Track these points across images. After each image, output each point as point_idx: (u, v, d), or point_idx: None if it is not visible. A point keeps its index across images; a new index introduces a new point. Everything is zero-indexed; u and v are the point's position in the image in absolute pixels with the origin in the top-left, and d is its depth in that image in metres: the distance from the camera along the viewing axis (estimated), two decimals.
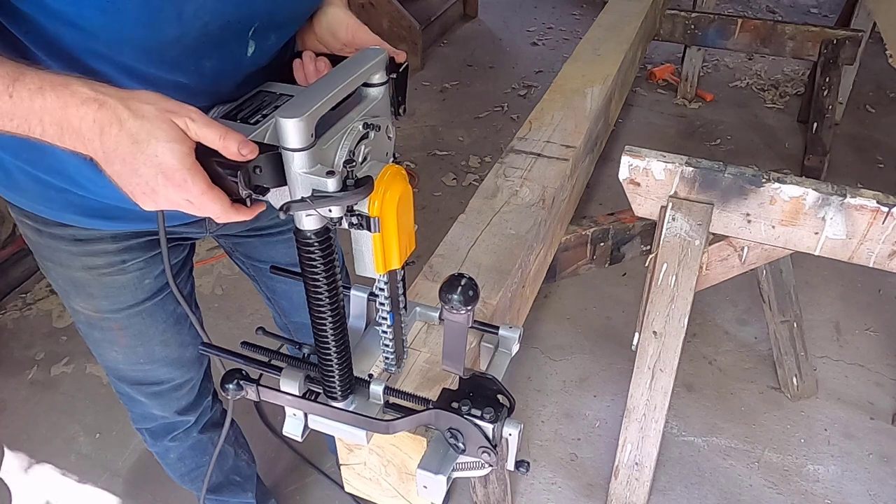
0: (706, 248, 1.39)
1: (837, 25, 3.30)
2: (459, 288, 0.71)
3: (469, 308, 0.72)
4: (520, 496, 1.90)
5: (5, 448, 2.04)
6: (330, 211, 0.66)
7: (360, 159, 0.72)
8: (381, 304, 0.80)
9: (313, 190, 0.65)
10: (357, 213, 0.68)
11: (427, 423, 0.77)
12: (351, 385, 0.80)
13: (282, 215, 0.66)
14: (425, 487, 0.78)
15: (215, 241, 1.27)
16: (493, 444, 0.74)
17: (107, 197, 0.71)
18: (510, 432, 0.76)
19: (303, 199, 0.65)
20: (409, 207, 0.73)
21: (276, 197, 0.69)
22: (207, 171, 0.67)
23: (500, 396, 0.76)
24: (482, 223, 1.26)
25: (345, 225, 0.68)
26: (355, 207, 0.68)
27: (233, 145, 0.65)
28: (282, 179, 0.67)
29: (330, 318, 0.74)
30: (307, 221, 0.67)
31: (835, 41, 3.05)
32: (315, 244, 0.68)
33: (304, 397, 0.80)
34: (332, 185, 0.64)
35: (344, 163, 0.69)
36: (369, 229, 0.69)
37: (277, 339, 0.89)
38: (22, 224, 1.08)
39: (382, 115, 0.77)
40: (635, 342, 1.52)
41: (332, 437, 0.86)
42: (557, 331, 2.41)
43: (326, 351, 0.76)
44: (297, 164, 0.64)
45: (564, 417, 2.11)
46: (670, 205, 1.35)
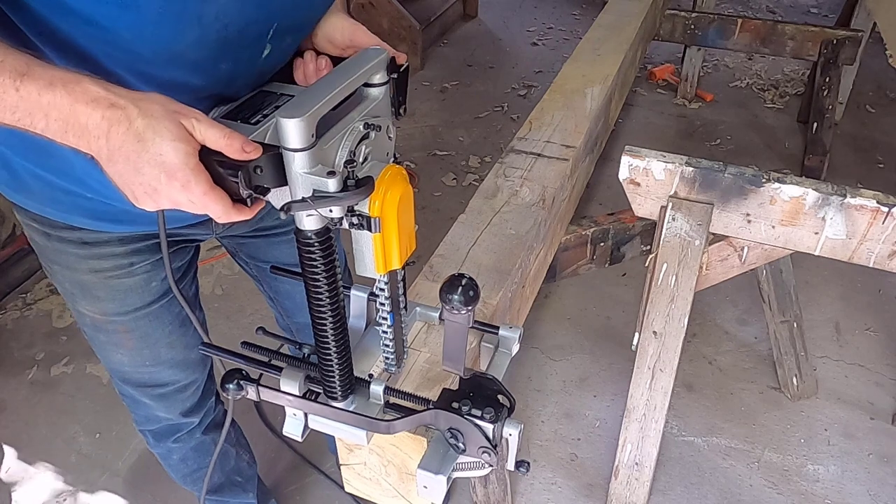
0: (706, 248, 1.39)
1: (837, 25, 3.30)
2: (460, 288, 0.71)
3: (469, 308, 0.72)
4: (520, 496, 1.90)
5: (5, 448, 2.04)
6: (331, 211, 0.66)
7: (361, 159, 0.72)
8: (382, 304, 0.80)
9: (314, 190, 0.65)
10: (358, 213, 0.68)
11: (427, 423, 0.77)
12: (351, 385, 0.80)
13: (282, 215, 0.66)
14: (425, 487, 0.78)
15: (217, 241, 1.27)
16: (493, 444, 0.74)
17: (115, 199, 0.71)
18: (510, 432, 0.76)
19: (303, 200, 0.65)
20: (409, 208, 0.73)
21: (277, 197, 0.68)
22: (209, 171, 0.67)
23: (500, 396, 0.76)
24: (482, 223, 1.26)
25: (345, 225, 0.68)
26: (356, 208, 0.68)
27: (236, 145, 0.66)
28: (283, 179, 0.67)
29: (330, 319, 0.74)
30: (308, 222, 0.67)
31: (835, 41, 3.05)
32: (316, 244, 0.68)
33: (304, 397, 0.80)
34: (332, 185, 0.64)
35: (345, 163, 0.69)
36: (370, 229, 0.69)
37: (277, 339, 0.89)
38: (28, 227, 1.07)
39: (383, 116, 0.77)
40: (635, 342, 1.52)
41: (333, 437, 0.86)
42: (557, 331, 2.41)
43: (327, 351, 0.76)
44: (297, 165, 0.64)
45: (564, 417, 2.11)
46: (670, 205, 1.35)
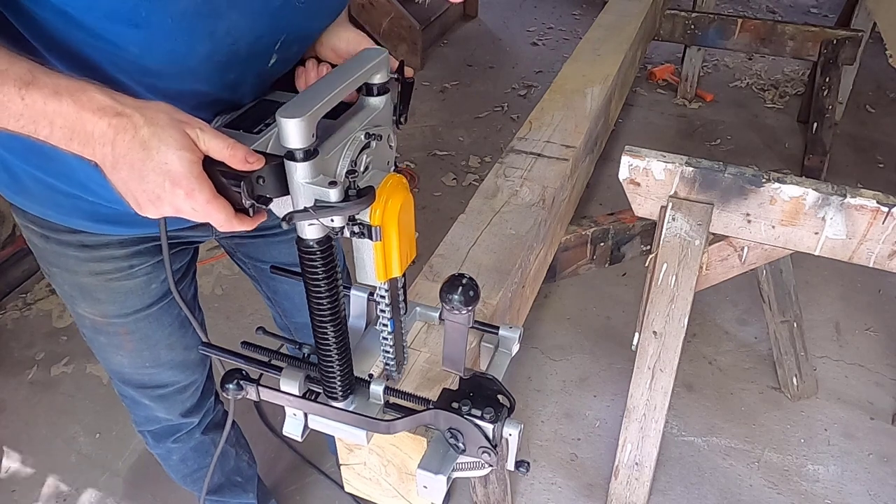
0: (706, 248, 1.39)
1: (837, 25, 3.30)
2: (460, 288, 0.71)
3: (469, 308, 0.73)
4: (520, 496, 1.90)
5: (5, 448, 2.04)
6: (332, 220, 0.67)
7: (362, 169, 0.73)
8: (382, 311, 0.80)
9: (316, 200, 0.65)
10: (359, 222, 0.69)
11: (427, 423, 0.77)
12: (351, 385, 0.80)
13: (284, 225, 0.66)
14: (425, 487, 0.78)
15: (216, 242, 1.27)
16: (493, 444, 0.74)
17: (116, 202, 0.71)
18: (510, 432, 0.76)
19: (305, 209, 0.65)
20: (410, 216, 0.73)
21: (279, 206, 0.69)
22: (212, 180, 0.67)
23: (500, 396, 0.76)
24: (482, 223, 1.26)
25: (346, 234, 0.69)
26: (357, 216, 0.68)
27: (240, 155, 0.66)
28: (284, 189, 0.67)
29: (331, 323, 0.74)
30: (309, 231, 0.68)
31: (835, 41, 3.05)
32: (317, 253, 0.69)
33: (304, 397, 0.80)
34: (334, 195, 0.64)
35: (346, 173, 0.69)
36: (371, 238, 0.70)
37: (277, 339, 0.89)
38: (27, 230, 1.07)
39: (384, 125, 0.78)
40: (635, 342, 1.52)
41: (333, 438, 0.86)
42: (557, 331, 2.41)
43: (327, 353, 0.76)
44: (299, 175, 0.65)
45: (564, 417, 2.11)
46: (670, 205, 1.35)
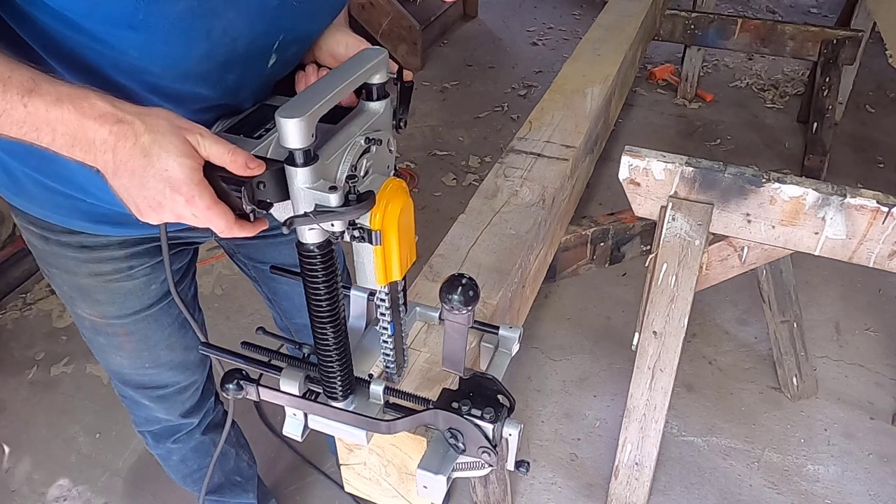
0: (706, 248, 1.39)
1: (837, 25, 3.30)
2: (460, 288, 0.71)
3: (469, 308, 0.72)
4: (520, 496, 1.90)
5: (5, 448, 2.04)
6: (332, 225, 0.67)
7: (362, 173, 0.73)
8: (382, 314, 0.80)
9: (316, 205, 0.65)
10: (359, 226, 0.69)
11: (427, 423, 0.77)
12: (351, 385, 0.80)
13: (285, 230, 0.66)
14: (425, 487, 0.78)
15: (215, 242, 1.27)
16: (493, 444, 0.74)
17: (115, 203, 0.72)
18: (510, 432, 0.76)
19: (306, 214, 0.65)
20: (410, 220, 0.73)
21: (280, 211, 0.69)
22: (213, 186, 0.68)
23: (500, 396, 0.76)
24: (482, 223, 1.26)
25: (347, 238, 0.69)
26: (357, 221, 0.69)
27: (240, 160, 0.67)
28: (285, 194, 0.68)
29: (331, 325, 0.74)
30: (310, 235, 0.68)
31: (835, 41, 3.05)
32: (317, 257, 0.69)
33: (304, 397, 0.80)
34: (334, 200, 0.64)
35: (346, 178, 0.69)
36: (371, 242, 0.70)
37: (277, 339, 0.89)
38: (26, 231, 1.07)
39: (384, 129, 0.78)
40: (635, 342, 1.52)
41: (333, 438, 0.86)
42: (557, 331, 2.41)
43: (327, 354, 0.76)
44: (300, 180, 0.65)
45: (564, 417, 2.11)
46: (670, 205, 1.35)
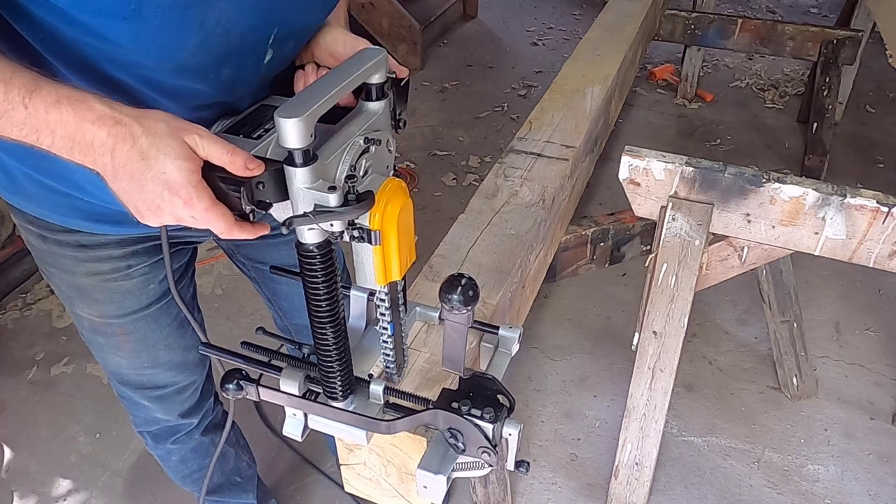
0: (706, 248, 1.39)
1: (837, 25, 3.30)
2: (459, 288, 0.71)
3: (469, 308, 0.72)
4: (520, 496, 1.90)
5: (5, 448, 2.04)
6: (332, 225, 0.67)
7: (362, 173, 0.73)
8: (382, 314, 0.80)
9: (315, 205, 0.65)
10: (358, 226, 0.69)
11: (427, 423, 0.77)
12: (351, 385, 0.80)
13: (284, 230, 0.66)
14: (425, 487, 0.78)
15: (215, 242, 1.27)
16: (492, 444, 0.74)
17: (113, 202, 0.72)
18: (510, 432, 0.76)
19: (305, 214, 0.65)
20: (409, 220, 0.73)
21: (279, 211, 0.69)
22: (212, 187, 0.68)
23: (500, 396, 0.76)
24: (482, 223, 1.26)
25: (346, 238, 0.69)
26: (356, 221, 0.68)
27: (239, 161, 0.66)
28: (284, 194, 0.68)
29: (330, 325, 0.74)
30: (309, 235, 0.68)
31: (835, 41, 3.05)
32: (317, 257, 0.69)
33: (303, 397, 0.80)
34: (333, 200, 0.64)
35: (345, 178, 0.69)
36: (370, 242, 0.70)
37: (277, 339, 0.89)
38: (25, 230, 1.07)
39: (383, 129, 0.78)
40: (635, 342, 1.52)
41: (333, 438, 0.86)
42: (557, 331, 2.41)
43: (327, 354, 0.76)
44: (299, 180, 0.65)
45: (564, 417, 2.11)
46: (670, 205, 1.35)
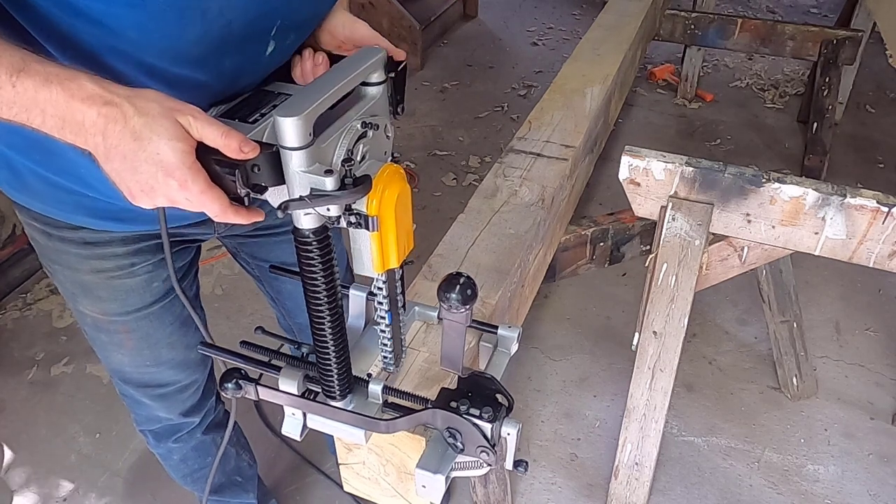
0: (706, 248, 1.39)
1: (837, 25, 3.30)
2: (457, 287, 0.71)
3: (467, 307, 0.73)
4: (520, 496, 1.90)
5: (5, 448, 2.05)
6: (328, 210, 0.66)
7: (359, 158, 0.72)
8: (380, 303, 0.80)
9: (311, 189, 0.65)
10: (355, 211, 0.68)
11: (426, 422, 0.77)
12: (350, 384, 0.80)
13: (280, 214, 0.66)
14: (424, 487, 0.78)
15: (217, 241, 1.27)
16: (491, 443, 0.74)
17: (117, 198, 0.71)
18: (508, 432, 0.76)
19: (301, 198, 0.65)
20: (407, 206, 0.73)
21: (275, 195, 0.68)
22: (206, 169, 0.67)
23: (498, 396, 0.76)
24: (481, 223, 1.26)
25: (343, 224, 0.68)
26: (354, 206, 0.68)
27: (234, 143, 0.65)
28: (280, 178, 0.67)
29: (328, 318, 0.73)
30: (305, 220, 0.67)
31: (835, 41, 3.04)
32: (313, 243, 0.68)
33: (302, 396, 0.80)
34: (330, 183, 0.64)
35: (342, 161, 0.69)
36: (368, 228, 0.69)
37: (277, 339, 0.89)
38: (29, 227, 1.07)
39: (381, 114, 0.77)
40: (635, 342, 1.52)
41: (332, 438, 0.86)
42: (557, 331, 2.41)
43: (325, 351, 0.75)
44: (295, 163, 0.64)
45: (564, 417, 2.11)
46: (670, 205, 1.35)
